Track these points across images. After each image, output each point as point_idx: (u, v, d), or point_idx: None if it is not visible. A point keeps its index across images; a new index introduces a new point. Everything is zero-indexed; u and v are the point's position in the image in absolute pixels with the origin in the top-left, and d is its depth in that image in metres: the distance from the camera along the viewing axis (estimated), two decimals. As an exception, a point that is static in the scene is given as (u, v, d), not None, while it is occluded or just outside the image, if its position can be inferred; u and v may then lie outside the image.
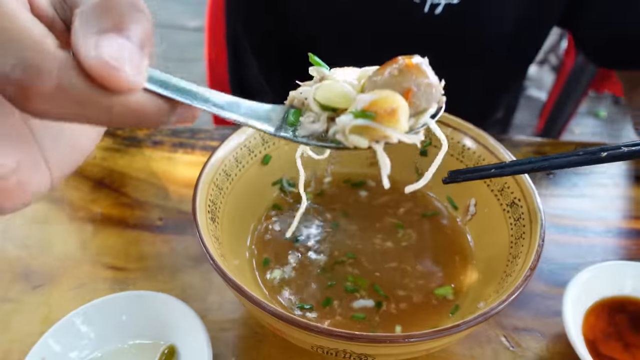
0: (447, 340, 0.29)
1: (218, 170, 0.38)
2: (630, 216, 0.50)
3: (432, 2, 0.56)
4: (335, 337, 0.26)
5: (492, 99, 0.73)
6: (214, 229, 0.34)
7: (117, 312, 0.36)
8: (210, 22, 0.99)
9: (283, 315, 0.27)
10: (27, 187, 0.22)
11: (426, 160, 0.44)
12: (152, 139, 0.58)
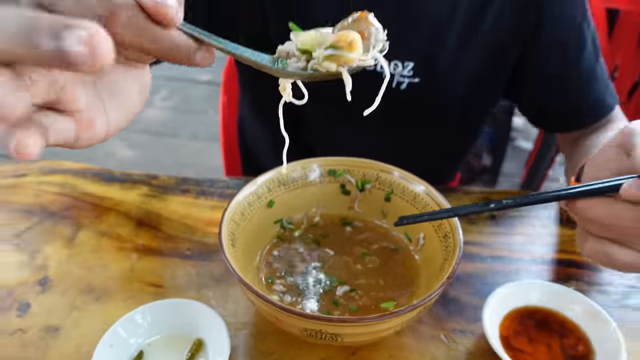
0: (387, 325, 0.42)
1: (236, 211, 0.53)
2: (552, 249, 0.64)
3: (398, 80, 0.72)
4: (310, 319, 0.40)
5: (453, 153, 0.89)
6: (234, 252, 0.48)
7: (162, 312, 0.50)
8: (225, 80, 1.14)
9: (278, 304, 0.41)
10: (95, 124, 0.30)
11: (390, 204, 0.59)
12: (180, 188, 0.73)
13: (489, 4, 0.70)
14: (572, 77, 0.74)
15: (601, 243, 0.44)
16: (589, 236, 0.44)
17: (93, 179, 0.75)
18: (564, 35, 0.72)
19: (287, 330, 0.45)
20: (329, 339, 0.43)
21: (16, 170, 0.77)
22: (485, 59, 0.73)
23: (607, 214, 0.41)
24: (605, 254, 0.44)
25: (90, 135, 0.30)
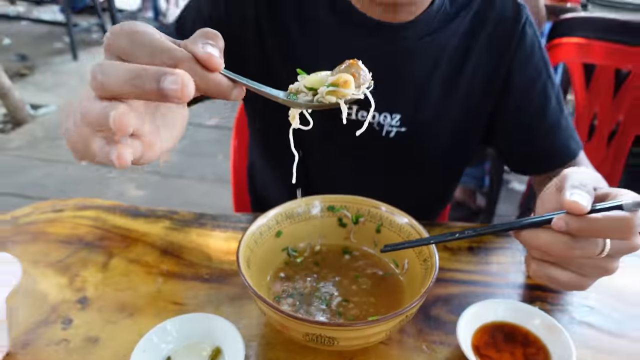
0: (375, 330, 0.52)
1: (250, 239, 0.63)
2: (521, 276, 0.74)
3: (387, 129, 0.84)
4: (311, 324, 0.50)
5: (438, 191, 0.99)
6: (249, 272, 0.58)
7: (187, 324, 0.59)
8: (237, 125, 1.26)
9: (285, 312, 0.51)
10: (154, 146, 0.40)
11: (380, 235, 0.69)
12: (199, 222, 0.84)
13: (465, 64, 0.82)
14: (539, 127, 0.86)
15: (542, 265, 0.54)
16: (533, 260, 0.54)
17: (122, 214, 0.85)
18: (530, 92, 0.84)
19: (292, 336, 0.55)
20: (327, 342, 0.52)
21: (54, 206, 0.87)
22: (464, 111, 0.85)
23: (544, 242, 0.51)
24: (546, 274, 0.55)
25: (151, 154, 0.41)
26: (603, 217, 0.49)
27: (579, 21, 1.57)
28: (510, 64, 0.83)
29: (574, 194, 0.50)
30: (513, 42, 0.82)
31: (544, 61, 0.85)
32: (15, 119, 3.40)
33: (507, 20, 0.82)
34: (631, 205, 0.49)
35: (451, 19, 0.81)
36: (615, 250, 0.53)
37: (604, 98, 1.58)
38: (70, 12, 4.44)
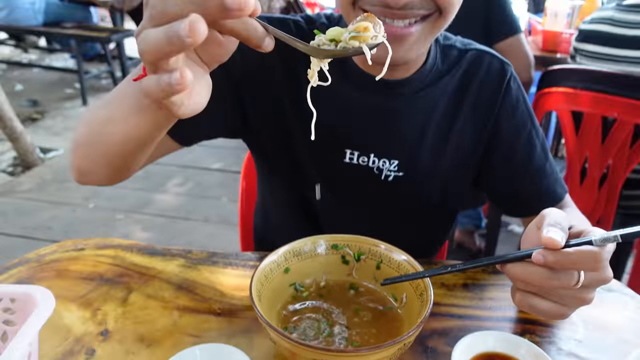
0: (376, 357, 0.57)
1: (261, 275, 0.69)
2: (513, 310, 0.79)
3: (386, 174, 0.91)
4: (318, 350, 0.55)
5: (435, 231, 1.06)
6: (260, 305, 0.64)
7: (204, 353, 0.65)
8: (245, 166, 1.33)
9: (294, 339, 0.56)
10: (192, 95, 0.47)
11: (380, 271, 0.75)
12: (211, 260, 0.90)
13: (455, 118, 0.90)
14: (526, 174, 0.93)
15: (525, 296, 0.61)
16: (518, 290, 0.61)
17: (139, 253, 0.91)
18: (516, 142, 0.92)
19: (301, 364, 0.60)
20: (332, 368, 0.57)
21: (76, 245, 0.94)
22: (455, 161, 0.92)
23: (526, 274, 0.58)
24: (528, 304, 0.61)
25: (190, 102, 0.47)
26: (575, 251, 0.56)
27: (566, 72, 1.67)
28: (497, 117, 0.91)
29: (549, 231, 0.57)
30: (499, 97, 0.90)
31: (528, 112, 0.93)
32: (25, 162, 3.50)
33: (493, 77, 0.90)
34: (599, 240, 0.56)
35: (443, 76, 0.89)
36: (589, 282, 0.59)
37: (593, 143, 1.66)
38: (82, 60, 4.62)
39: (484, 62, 0.91)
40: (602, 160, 1.68)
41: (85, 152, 0.77)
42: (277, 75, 0.89)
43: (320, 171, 0.93)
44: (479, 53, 0.92)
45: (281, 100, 0.90)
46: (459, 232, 2.67)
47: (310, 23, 0.91)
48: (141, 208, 3.01)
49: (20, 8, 4.45)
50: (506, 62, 0.93)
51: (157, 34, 0.42)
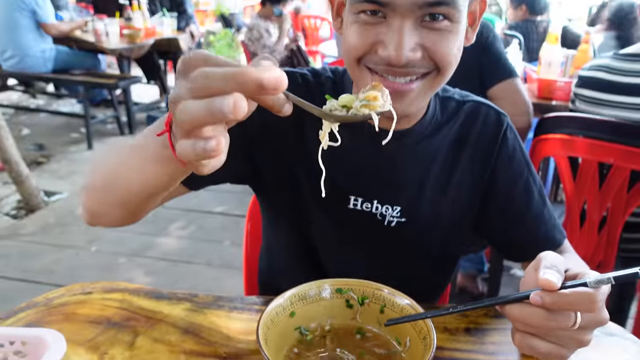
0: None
1: (267, 319, 0.70)
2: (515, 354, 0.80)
3: (389, 219, 0.94)
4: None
5: (436, 275, 1.07)
6: (266, 348, 0.65)
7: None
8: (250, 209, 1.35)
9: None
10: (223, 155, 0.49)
11: (384, 315, 0.76)
12: (217, 304, 0.91)
13: (454, 168, 0.94)
14: (524, 220, 0.96)
15: (525, 337, 0.63)
16: (517, 331, 0.62)
17: (146, 296, 0.93)
18: (514, 189, 0.95)
19: (307, 408, 0.60)
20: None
21: (83, 289, 0.95)
22: (454, 210, 0.95)
23: (524, 315, 0.60)
24: (528, 344, 0.63)
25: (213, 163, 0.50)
26: (571, 292, 0.58)
27: (562, 119, 1.73)
28: (493, 167, 0.95)
29: (546, 273, 0.60)
30: (495, 147, 0.94)
31: (525, 160, 0.97)
32: (29, 206, 3.52)
33: (490, 128, 0.95)
34: (593, 282, 0.59)
35: (442, 127, 0.94)
36: (586, 323, 0.61)
37: (590, 188, 1.69)
38: (89, 105, 4.73)
39: (481, 113, 0.95)
40: (600, 204, 1.70)
41: (99, 197, 0.81)
42: (288, 131, 0.94)
43: (324, 216, 0.96)
44: (476, 104, 0.97)
45: (291, 154, 0.94)
46: (461, 277, 2.66)
47: (316, 76, 0.96)
48: (144, 251, 3.02)
49: (32, 56, 4.59)
50: (502, 112, 0.97)
51: (199, 107, 0.45)
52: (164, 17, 5.27)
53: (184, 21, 5.58)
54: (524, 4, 3.39)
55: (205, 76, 0.46)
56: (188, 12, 5.65)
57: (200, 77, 0.46)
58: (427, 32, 0.75)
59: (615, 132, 1.58)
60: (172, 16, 5.35)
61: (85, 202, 0.84)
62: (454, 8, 0.74)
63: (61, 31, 4.80)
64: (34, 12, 4.54)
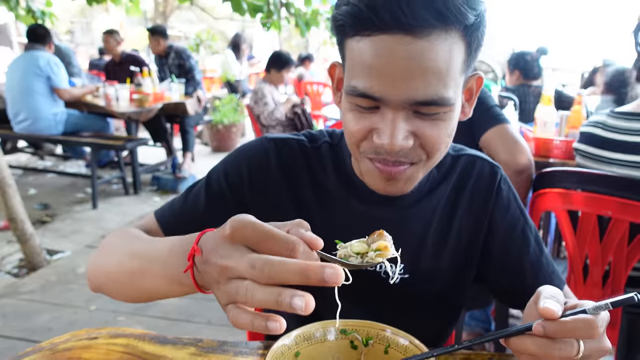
0: None
1: (273, 357, 0.71)
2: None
3: (392, 277, 0.95)
4: None
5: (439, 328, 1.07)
6: (272, 385, 0.66)
7: None
8: None
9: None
10: None
11: (388, 355, 0.76)
12: (222, 348, 0.91)
13: (452, 221, 0.97)
14: (522, 268, 0.97)
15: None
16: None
17: (151, 342, 0.93)
18: (510, 238, 0.97)
19: None
20: None
21: (89, 334, 0.96)
22: (455, 260, 0.98)
23: (528, 346, 0.61)
24: None
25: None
26: (572, 319, 0.60)
27: (559, 174, 1.77)
28: (490, 217, 0.98)
29: (546, 303, 0.62)
30: (491, 198, 0.97)
31: (520, 210, 0.99)
32: (31, 264, 3.52)
33: (485, 181, 0.98)
34: (592, 309, 0.61)
35: (439, 183, 0.98)
36: (590, 352, 0.63)
37: (591, 241, 1.71)
38: (96, 167, 4.82)
39: (475, 167, 0.99)
40: (602, 258, 1.71)
41: (112, 285, 0.92)
42: (281, 193, 0.99)
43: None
44: (470, 158, 1.01)
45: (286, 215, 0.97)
46: (466, 335, 2.61)
47: (313, 141, 1.01)
48: (143, 310, 2.98)
49: (44, 119, 4.74)
50: (496, 165, 1.01)
51: (267, 296, 0.53)
52: (173, 82, 5.49)
53: (192, 87, 5.80)
54: (517, 69, 3.55)
55: (271, 266, 0.53)
56: (196, 79, 5.88)
57: (267, 267, 0.53)
58: (420, 121, 0.78)
59: (612, 185, 1.61)
60: (180, 82, 5.57)
61: (92, 276, 0.94)
62: (445, 104, 0.76)
63: (73, 96, 4.99)
64: (48, 78, 4.75)
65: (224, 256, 0.58)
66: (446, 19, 0.70)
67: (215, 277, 0.59)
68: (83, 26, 18.56)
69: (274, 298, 0.52)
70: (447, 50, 0.72)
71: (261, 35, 12.49)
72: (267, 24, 4.58)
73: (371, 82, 0.74)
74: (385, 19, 0.69)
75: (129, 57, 6.13)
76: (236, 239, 0.58)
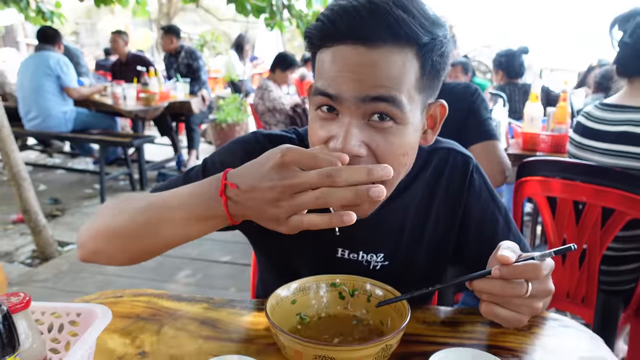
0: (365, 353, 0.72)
1: (273, 301, 0.86)
2: (487, 340, 0.94)
3: (374, 265, 1.07)
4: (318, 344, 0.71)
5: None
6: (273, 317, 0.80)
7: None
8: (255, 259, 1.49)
9: (298, 338, 0.72)
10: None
11: (370, 304, 0.91)
12: (230, 304, 1.06)
13: (429, 212, 1.08)
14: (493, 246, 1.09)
15: (489, 305, 0.79)
16: (483, 302, 0.79)
17: (169, 299, 1.08)
18: (483, 221, 1.09)
19: (305, 364, 0.75)
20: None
21: (114, 294, 1.11)
22: (432, 247, 1.09)
23: (488, 287, 0.77)
24: (492, 312, 0.79)
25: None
26: (522, 264, 0.76)
27: (539, 162, 1.92)
28: (465, 206, 1.09)
29: (503, 252, 0.77)
30: (464, 188, 1.08)
31: (491, 195, 1.11)
32: (43, 255, 3.68)
33: (458, 171, 1.08)
34: (539, 256, 0.76)
35: (415, 177, 1.07)
36: (536, 292, 0.78)
37: (568, 225, 1.85)
38: (104, 164, 4.99)
39: (449, 158, 1.09)
40: (578, 240, 1.85)
41: (117, 242, 0.93)
42: None
43: (313, 267, 1.05)
44: (444, 151, 1.09)
45: None
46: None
47: (300, 140, 1.09)
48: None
49: (54, 117, 4.91)
50: (467, 155, 1.11)
51: (346, 193, 0.68)
52: (178, 82, 5.65)
53: (197, 86, 5.96)
54: (500, 69, 3.72)
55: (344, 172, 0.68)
56: (202, 79, 6.04)
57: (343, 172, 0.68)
58: (373, 133, 0.83)
59: (585, 173, 1.75)
60: (185, 81, 5.73)
61: (88, 241, 0.97)
62: (396, 107, 0.81)
63: (82, 94, 5.16)
64: (58, 77, 4.92)
65: (285, 177, 0.70)
66: (397, 36, 0.78)
67: (269, 199, 0.72)
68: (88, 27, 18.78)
69: (353, 193, 0.67)
70: (400, 65, 0.79)
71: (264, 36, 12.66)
72: (271, 24, 4.73)
73: (328, 82, 0.82)
74: (342, 30, 0.79)
75: (136, 57, 6.30)
76: (288, 162, 0.70)
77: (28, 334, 0.70)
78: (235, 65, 8.12)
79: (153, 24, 13.05)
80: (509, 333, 0.94)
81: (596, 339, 0.94)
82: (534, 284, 0.79)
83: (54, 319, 0.82)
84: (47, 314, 0.81)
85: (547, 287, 0.81)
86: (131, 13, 5.61)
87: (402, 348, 0.85)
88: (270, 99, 4.66)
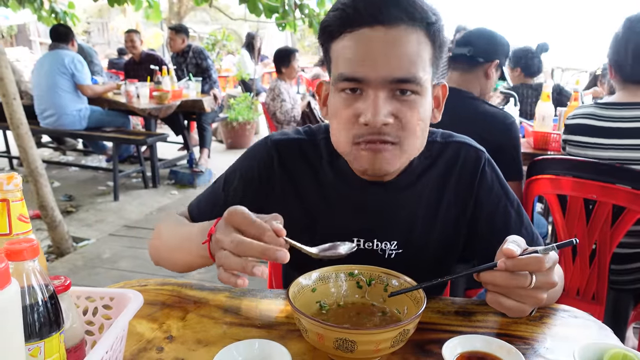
0: (384, 337, 0.76)
1: (294, 288, 0.90)
2: (498, 328, 0.97)
3: (388, 253, 1.10)
4: (339, 328, 0.75)
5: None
6: (295, 302, 0.84)
7: (250, 345, 0.84)
8: None
9: (322, 322, 0.76)
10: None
11: (387, 293, 0.95)
12: (251, 293, 1.10)
13: (441, 202, 1.12)
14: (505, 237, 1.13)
15: (495, 295, 0.82)
16: (489, 292, 0.82)
17: (192, 288, 1.13)
18: (494, 214, 1.12)
19: (325, 347, 0.79)
20: (349, 347, 0.76)
21: (140, 283, 1.15)
22: (443, 237, 1.13)
23: (493, 278, 0.80)
24: (497, 302, 0.82)
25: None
26: (525, 257, 0.79)
27: (550, 161, 1.94)
28: (476, 197, 1.12)
29: (508, 245, 0.80)
30: (476, 180, 1.11)
31: (502, 189, 1.14)
32: (59, 250, 3.75)
33: (470, 164, 1.11)
34: (542, 250, 0.79)
35: (427, 168, 1.11)
36: (540, 284, 0.81)
37: (578, 223, 1.87)
38: (117, 162, 5.06)
39: (461, 152, 1.12)
40: (589, 238, 1.87)
41: (162, 256, 1.19)
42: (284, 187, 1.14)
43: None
44: (457, 144, 1.12)
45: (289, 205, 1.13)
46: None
47: (312, 137, 1.14)
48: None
49: (68, 114, 4.99)
50: (480, 149, 1.13)
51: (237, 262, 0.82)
52: (190, 81, 5.71)
53: (208, 85, 6.02)
54: (519, 66, 3.69)
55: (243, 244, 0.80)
56: (213, 77, 6.09)
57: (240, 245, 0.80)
58: (397, 104, 0.92)
59: (594, 171, 1.78)
60: (197, 80, 5.79)
61: (151, 253, 1.22)
62: (417, 84, 0.92)
63: (96, 92, 5.23)
64: (73, 75, 4.99)
65: (220, 233, 0.85)
66: (411, 15, 0.89)
67: (215, 247, 0.87)
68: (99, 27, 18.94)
69: (242, 265, 0.80)
70: (415, 42, 0.90)
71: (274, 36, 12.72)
72: (282, 24, 4.77)
73: (355, 67, 0.91)
74: (363, 14, 0.89)
75: (149, 56, 6.37)
76: (229, 222, 0.84)
77: (69, 314, 0.74)
78: (247, 63, 8.18)
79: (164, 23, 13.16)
80: (520, 322, 0.97)
81: (605, 329, 0.97)
82: (538, 276, 0.82)
83: (88, 303, 0.86)
84: (82, 298, 0.86)
85: (550, 280, 0.84)
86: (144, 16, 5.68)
87: (418, 335, 0.89)
88: (282, 111, 4.72)
